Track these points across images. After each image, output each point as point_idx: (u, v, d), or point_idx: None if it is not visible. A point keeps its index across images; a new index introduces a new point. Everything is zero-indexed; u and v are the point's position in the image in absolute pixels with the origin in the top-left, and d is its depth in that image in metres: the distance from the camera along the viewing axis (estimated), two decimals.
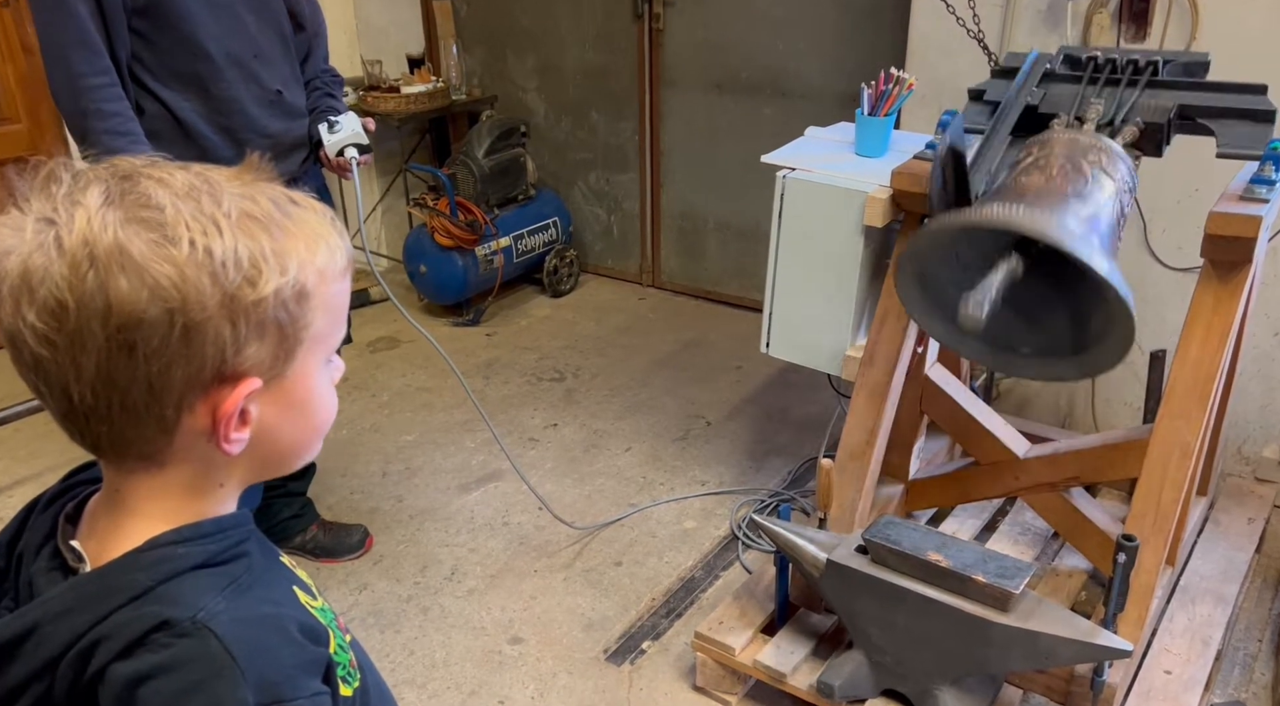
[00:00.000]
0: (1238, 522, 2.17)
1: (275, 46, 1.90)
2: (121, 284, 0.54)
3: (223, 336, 0.57)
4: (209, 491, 0.64)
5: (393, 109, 3.47)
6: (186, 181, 0.59)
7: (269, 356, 0.60)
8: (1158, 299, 2.41)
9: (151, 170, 0.59)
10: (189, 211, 0.57)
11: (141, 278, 0.55)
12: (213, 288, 0.56)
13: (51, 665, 0.58)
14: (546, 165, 3.89)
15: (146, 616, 0.58)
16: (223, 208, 0.58)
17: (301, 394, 0.64)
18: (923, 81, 2.26)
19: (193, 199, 0.57)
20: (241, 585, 0.63)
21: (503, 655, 2.03)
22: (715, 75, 3.41)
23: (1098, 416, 2.65)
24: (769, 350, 2.21)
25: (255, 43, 1.85)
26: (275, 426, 0.64)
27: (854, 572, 1.64)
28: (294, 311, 0.60)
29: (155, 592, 0.59)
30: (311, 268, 0.61)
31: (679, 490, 2.57)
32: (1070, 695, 1.64)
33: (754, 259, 3.43)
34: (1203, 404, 1.62)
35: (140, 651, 0.57)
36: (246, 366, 0.60)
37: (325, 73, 2.08)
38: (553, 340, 3.44)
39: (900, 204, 1.90)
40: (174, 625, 0.58)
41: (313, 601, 0.69)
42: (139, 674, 0.57)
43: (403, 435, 2.84)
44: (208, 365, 0.58)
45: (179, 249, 0.56)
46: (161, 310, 0.55)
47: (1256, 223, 1.56)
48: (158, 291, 0.55)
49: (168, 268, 0.55)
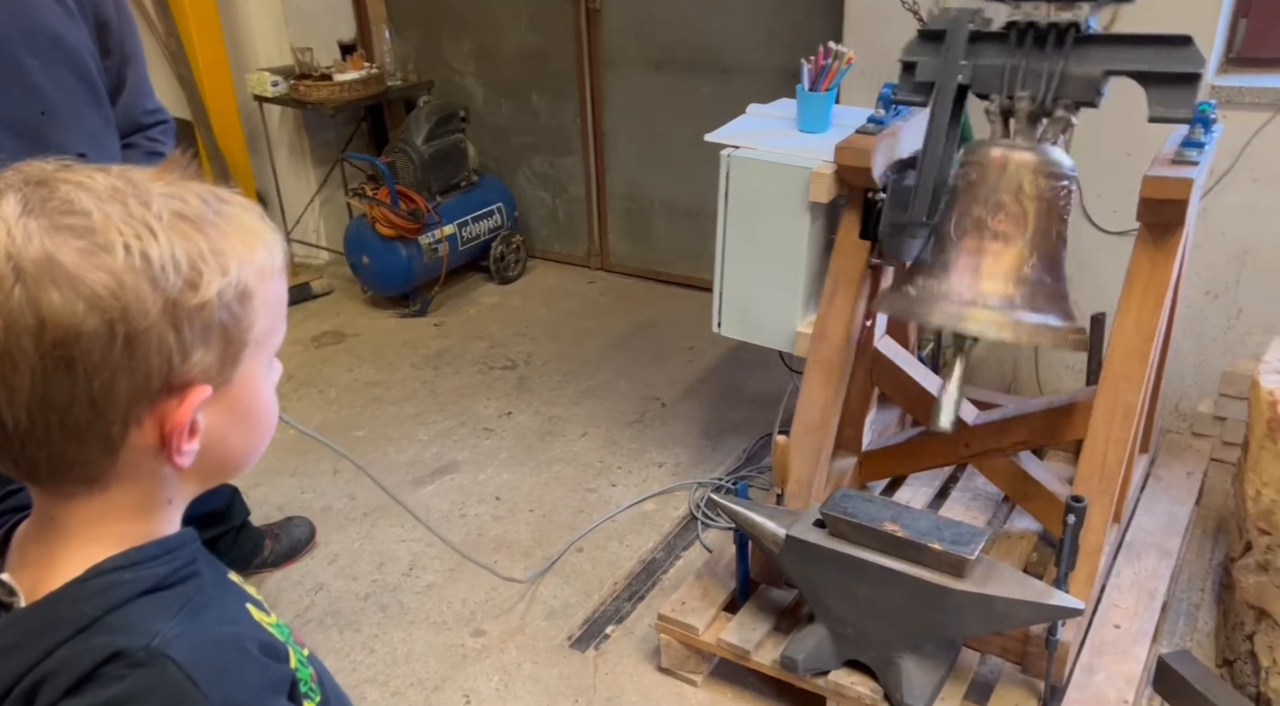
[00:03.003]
0: (1177, 477, 2.24)
1: (76, 95, 1.43)
2: (54, 297, 0.51)
3: (167, 344, 0.55)
4: (157, 510, 0.62)
5: (326, 98, 3.38)
6: (108, 184, 0.56)
7: (215, 362, 0.58)
8: (1095, 263, 2.47)
9: (67, 174, 0.56)
10: (118, 215, 0.54)
11: (75, 289, 0.52)
12: (153, 294, 0.54)
13: None
14: (488, 150, 3.83)
15: (96, 648, 0.55)
16: (152, 209, 0.55)
17: (248, 399, 0.62)
18: (862, 53, 2.27)
19: (119, 202, 0.55)
20: (195, 606, 0.60)
21: (465, 648, 2.01)
22: (654, 54, 3.38)
23: (1041, 380, 2.71)
24: (721, 330, 2.21)
25: (43, 95, 1.38)
26: (224, 434, 0.61)
27: (813, 547, 1.66)
28: (237, 313, 0.58)
29: (103, 622, 0.56)
30: (251, 266, 0.59)
31: (637, 473, 2.57)
32: (1026, 655, 1.68)
33: (702, 238, 3.42)
34: (1143, 365, 1.66)
35: (92, 686, 0.54)
36: (194, 374, 0.57)
37: (148, 122, 1.59)
38: (503, 328, 3.40)
39: (844, 179, 1.90)
40: (127, 655, 0.55)
41: (266, 617, 0.67)
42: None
43: (353, 431, 2.79)
44: (154, 376, 0.55)
45: (113, 255, 0.53)
46: (100, 322, 0.52)
47: (1188, 185, 1.60)
48: (95, 302, 0.52)
49: (103, 276, 0.52)
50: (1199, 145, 1.67)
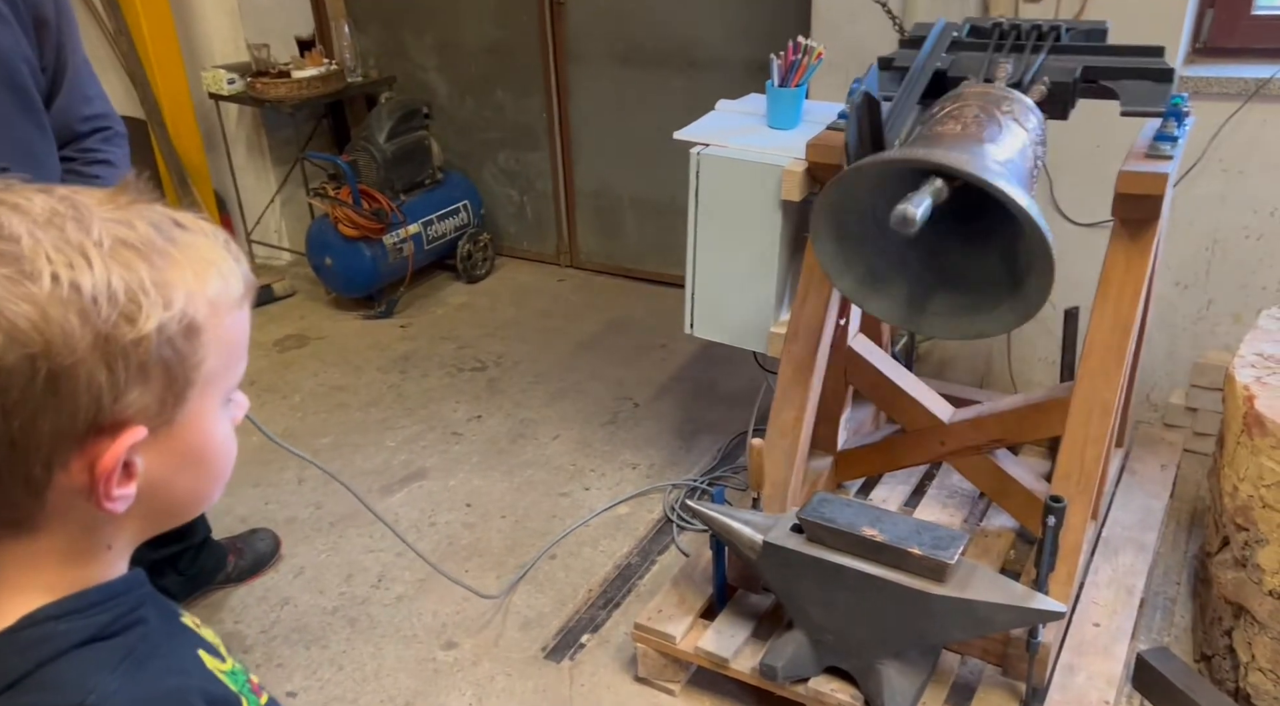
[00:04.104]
0: (1151, 470, 2.24)
1: (4, 104, 1.34)
2: None
3: (97, 382, 0.51)
4: (94, 555, 0.57)
5: (284, 95, 3.28)
6: (47, 207, 0.52)
7: (154, 401, 0.54)
8: (1066, 255, 2.43)
9: (5, 195, 0.52)
10: (50, 241, 0.50)
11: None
12: (82, 327, 0.49)
13: None
14: (453, 147, 3.75)
15: None
16: (92, 236, 0.51)
17: (196, 440, 0.58)
18: (830, 48, 2.23)
19: (55, 226, 0.51)
20: (138, 657, 0.56)
21: (437, 662, 1.96)
22: (621, 47, 3.32)
23: (1015, 374, 2.70)
24: (693, 330, 2.17)
25: None
26: (167, 478, 0.57)
27: (791, 553, 1.62)
28: (182, 349, 0.54)
29: (34, 677, 0.52)
30: (202, 298, 0.55)
31: (610, 476, 2.53)
32: (1007, 657, 1.67)
33: (672, 234, 3.39)
34: (1120, 362, 1.65)
35: None
36: (128, 414, 0.53)
37: (85, 130, 1.47)
38: (471, 328, 3.34)
39: (816, 176, 1.87)
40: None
41: (221, 664, 0.63)
42: None
43: (318, 438, 2.72)
44: (80, 415, 0.51)
45: (38, 285, 0.49)
46: (20, 356, 0.48)
47: (1163, 180, 1.58)
48: (15, 335, 0.48)
49: (25, 307, 0.48)
50: (1173, 139, 1.65)
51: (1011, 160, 1.46)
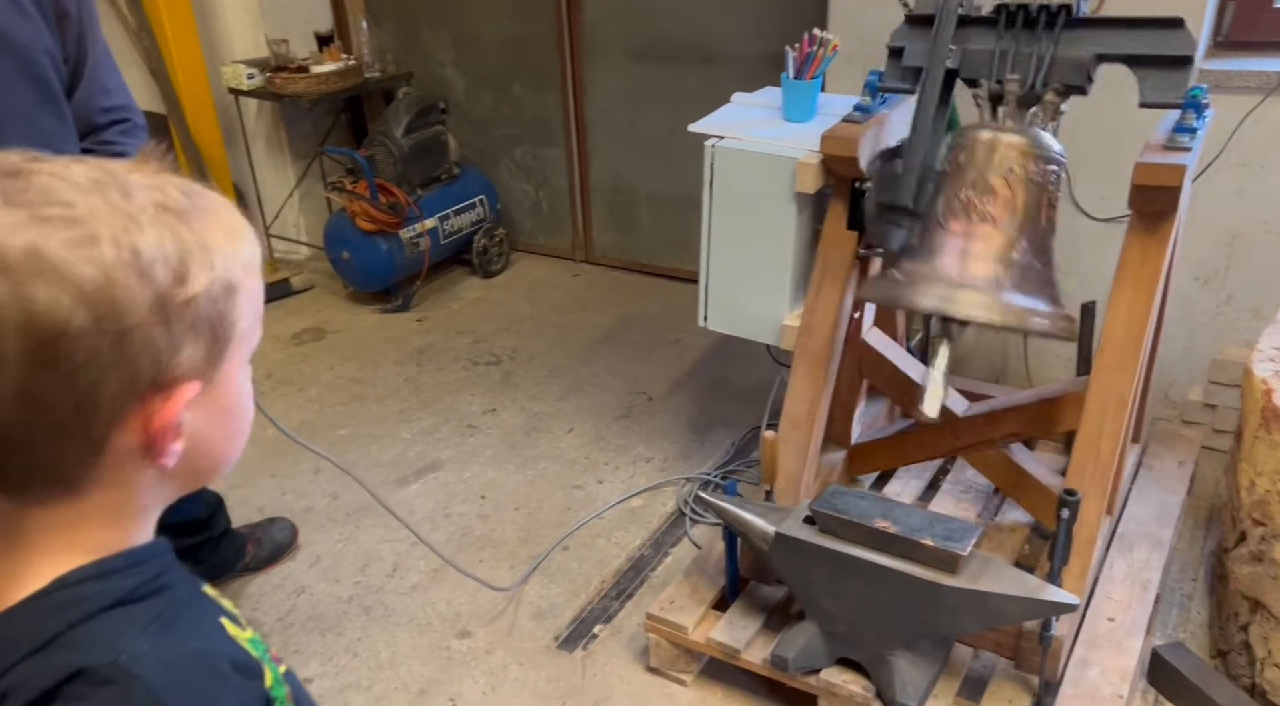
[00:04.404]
0: (1169, 466, 2.22)
1: (23, 94, 1.36)
2: (39, 292, 0.48)
3: (156, 341, 0.52)
4: (132, 516, 0.59)
5: (303, 90, 3.31)
6: (86, 175, 0.53)
7: (202, 359, 0.56)
8: (1084, 250, 2.44)
9: (39, 164, 0.53)
10: (102, 207, 0.51)
11: (62, 283, 0.49)
12: (142, 289, 0.51)
13: None
14: (469, 142, 3.77)
15: (58, 665, 0.52)
16: (136, 201, 0.53)
17: (231, 397, 0.60)
18: (846, 39, 2.23)
19: (98, 193, 0.52)
20: (165, 621, 0.57)
21: (451, 651, 1.97)
22: (637, 43, 3.33)
23: (1031, 369, 2.69)
24: (707, 323, 2.18)
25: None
26: (206, 434, 0.59)
27: (803, 544, 1.62)
28: (223, 308, 0.56)
29: (66, 638, 0.53)
30: (235, 260, 0.57)
31: (624, 469, 2.53)
32: (1020, 650, 1.66)
33: (687, 230, 3.37)
34: (1136, 355, 1.64)
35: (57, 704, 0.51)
36: (181, 372, 0.54)
37: (103, 122, 1.49)
38: (487, 322, 3.35)
39: (831, 169, 1.87)
40: (92, 673, 0.52)
41: (242, 632, 0.64)
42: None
43: (335, 429, 2.74)
44: (141, 375, 0.53)
45: (100, 249, 0.50)
46: (88, 318, 0.49)
47: (1181, 171, 1.57)
48: (82, 297, 0.49)
49: (90, 270, 0.50)
50: (1191, 131, 1.64)
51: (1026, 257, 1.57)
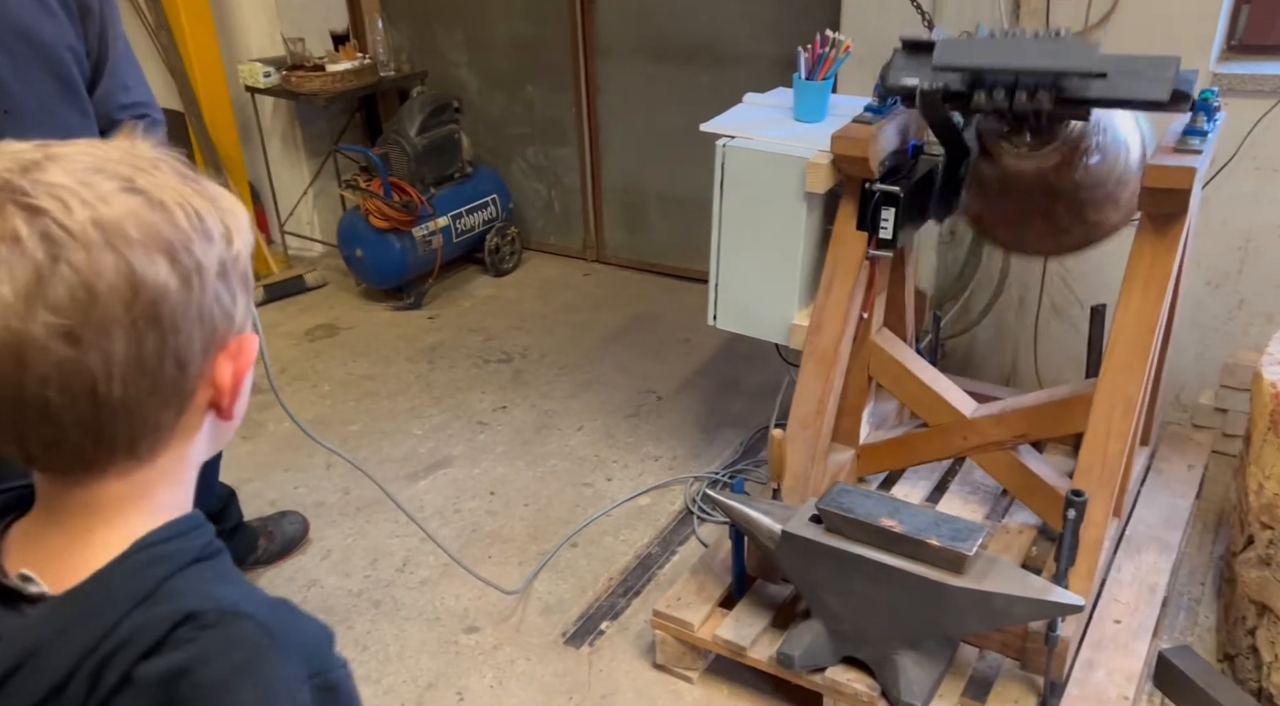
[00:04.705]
0: (1178, 470, 2.22)
1: (47, 92, 1.37)
2: (139, 257, 0.52)
3: (223, 298, 0.57)
4: (185, 481, 0.63)
5: (318, 88, 3.34)
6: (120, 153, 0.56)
7: (245, 311, 0.60)
8: (1094, 253, 2.43)
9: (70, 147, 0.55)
10: (158, 177, 0.55)
11: (158, 249, 0.53)
12: (208, 250, 0.56)
13: (57, 690, 0.53)
14: (482, 141, 3.79)
15: (165, 614, 0.55)
16: (163, 172, 0.56)
17: (250, 352, 0.63)
18: (859, 42, 2.23)
19: (143, 169, 0.55)
20: (233, 577, 0.61)
21: (459, 645, 1.99)
22: (650, 43, 3.34)
23: (1041, 372, 2.69)
24: (716, 322, 2.19)
25: (7, 94, 1.33)
26: (243, 389, 0.63)
27: (809, 542, 1.63)
28: (251, 266, 0.61)
29: (164, 590, 0.56)
30: (247, 225, 0.61)
31: (633, 467, 2.55)
32: (1025, 651, 1.66)
33: (698, 229, 3.38)
34: (1144, 357, 1.64)
35: (167, 650, 0.54)
36: (238, 325, 0.59)
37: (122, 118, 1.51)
38: (498, 320, 3.37)
39: (841, 169, 1.88)
40: (199, 616, 0.55)
41: None
42: (175, 668, 0.54)
43: (347, 425, 2.77)
44: (219, 327, 0.57)
45: (174, 215, 0.54)
46: (181, 277, 0.54)
47: (1191, 174, 1.57)
48: (174, 257, 0.54)
49: (174, 232, 0.54)
50: (1202, 133, 1.64)
51: None
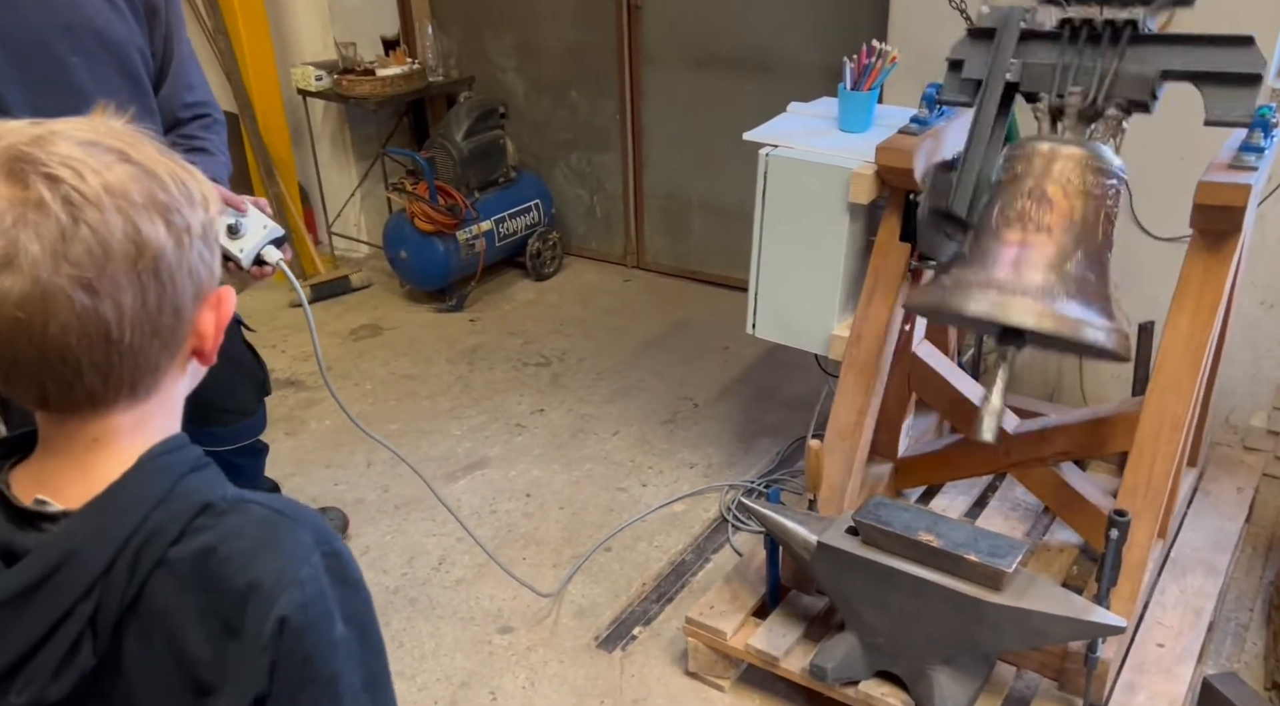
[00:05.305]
0: (1227, 492, 2.17)
1: (120, 92, 1.39)
2: (142, 219, 0.60)
3: (206, 254, 0.65)
4: (174, 412, 0.70)
5: (368, 92, 3.40)
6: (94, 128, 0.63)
7: (219, 269, 0.68)
8: (1144, 269, 2.39)
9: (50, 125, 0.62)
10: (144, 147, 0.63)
11: (152, 210, 0.61)
12: (193, 213, 0.64)
13: (97, 581, 0.61)
14: (527, 146, 3.83)
15: (184, 507, 0.64)
16: (146, 145, 0.64)
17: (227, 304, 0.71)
18: (906, 53, 2.22)
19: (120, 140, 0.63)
20: (225, 480, 0.69)
21: (493, 645, 2.01)
22: (696, 51, 3.35)
23: (1086, 389, 2.64)
24: (755, 331, 2.19)
25: (84, 94, 1.36)
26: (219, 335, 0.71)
27: (845, 554, 1.62)
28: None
29: (177, 490, 0.65)
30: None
31: (668, 473, 2.55)
32: (1064, 672, 1.64)
33: (739, 237, 3.38)
34: (1193, 376, 1.61)
35: (190, 536, 0.63)
36: (217, 280, 0.68)
37: (186, 117, 1.53)
38: (538, 324, 3.40)
39: (885, 180, 1.87)
40: (214, 505, 0.65)
41: None
42: (203, 548, 0.63)
43: (387, 424, 2.81)
44: (203, 283, 0.65)
45: (166, 183, 0.62)
46: (174, 239, 0.62)
47: (1246, 191, 1.54)
48: (169, 221, 0.62)
49: (167, 197, 0.62)
50: (1259, 150, 1.61)
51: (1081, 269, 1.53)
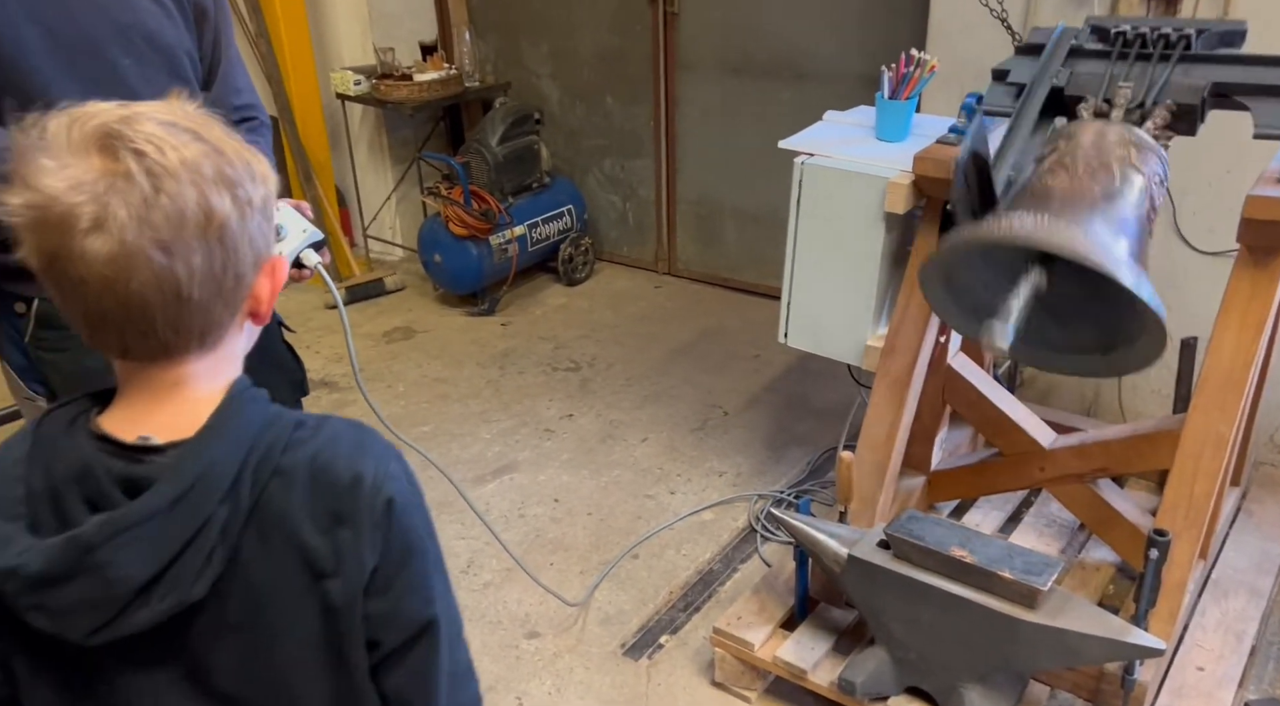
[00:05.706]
0: (1271, 513, 2.12)
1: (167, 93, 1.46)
2: (212, 191, 0.67)
3: (264, 226, 0.73)
4: (238, 361, 0.79)
5: (405, 97, 3.44)
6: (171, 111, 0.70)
7: (274, 240, 0.76)
8: (1187, 284, 2.35)
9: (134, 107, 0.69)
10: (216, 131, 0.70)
11: (220, 184, 0.68)
12: (254, 188, 0.71)
13: (228, 492, 0.71)
14: (560, 152, 3.85)
15: (285, 425, 0.75)
16: (215, 127, 0.71)
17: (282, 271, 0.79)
18: (944, 62, 2.20)
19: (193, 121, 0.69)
20: None
21: (520, 650, 2.01)
22: (731, 58, 3.35)
23: (1125, 405, 2.59)
24: (787, 340, 2.17)
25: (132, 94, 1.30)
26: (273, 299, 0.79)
27: (876, 568, 1.61)
28: None
29: (272, 412, 0.75)
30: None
31: (696, 481, 2.54)
32: (1100, 693, 1.60)
33: (772, 245, 3.38)
34: (1238, 394, 1.57)
35: (294, 447, 0.74)
36: (273, 249, 0.75)
37: (238, 120, 1.55)
38: (568, 329, 3.41)
39: (922, 190, 1.85)
40: (304, 424, 0.76)
41: None
42: (311, 454, 0.74)
43: (419, 426, 2.83)
44: (261, 253, 0.73)
45: (231, 159, 0.70)
46: (238, 210, 0.69)
47: None
48: (234, 195, 0.69)
49: (233, 172, 0.69)
50: None
51: (1124, 219, 1.42)
